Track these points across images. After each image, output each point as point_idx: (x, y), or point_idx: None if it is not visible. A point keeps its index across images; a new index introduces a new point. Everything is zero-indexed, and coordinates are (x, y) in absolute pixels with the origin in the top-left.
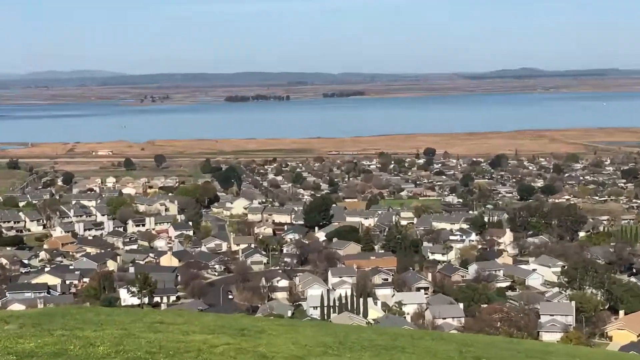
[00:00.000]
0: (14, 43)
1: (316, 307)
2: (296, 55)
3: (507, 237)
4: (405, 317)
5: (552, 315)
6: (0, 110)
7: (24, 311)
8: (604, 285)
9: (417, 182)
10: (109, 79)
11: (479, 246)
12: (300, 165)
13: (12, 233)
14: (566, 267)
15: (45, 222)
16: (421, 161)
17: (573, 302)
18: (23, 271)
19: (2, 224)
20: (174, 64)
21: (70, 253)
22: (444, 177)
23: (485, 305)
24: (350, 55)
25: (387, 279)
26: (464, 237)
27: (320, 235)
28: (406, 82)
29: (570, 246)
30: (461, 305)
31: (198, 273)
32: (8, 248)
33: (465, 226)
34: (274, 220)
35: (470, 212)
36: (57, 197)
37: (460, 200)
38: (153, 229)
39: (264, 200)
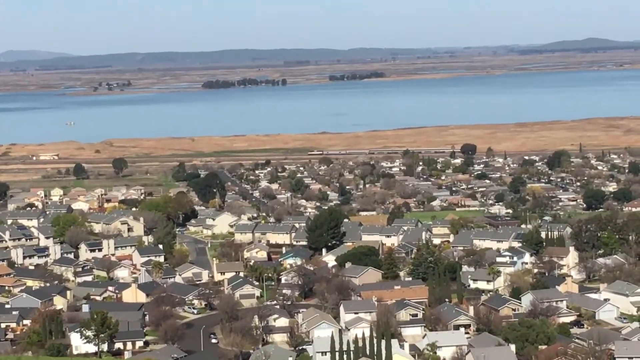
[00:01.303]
0: None
1: (325, 352)
2: (294, 26)
3: (571, 257)
4: None
5: (632, 358)
6: None
7: None
8: None
9: (454, 189)
10: (51, 62)
11: (535, 270)
12: (302, 168)
13: None
14: None
15: None
16: (458, 161)
17: None
18: None
19: None
20: (133, 41)
21: (6, 288)
22: (487, 181)
23: (544, 347)
24: (363, 26)
25: (416, 315)
26: (515, 259)
27: (329, 259)
28: (437, 59)
29: None
30: (513, 347)
31: (172, 311)
32: None
33: (516, 245)
34: (268, 241)
35: (523, 226)
36: None
37: (510, 211)
38: (112, 255)
39: (255, 215)
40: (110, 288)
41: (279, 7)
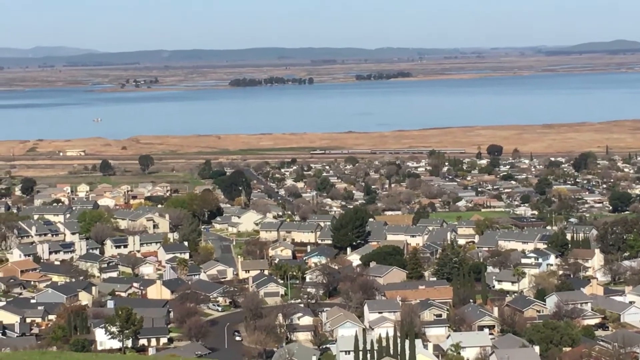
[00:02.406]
0: None
1: (348, 351)
2: (321, 25)
3: (597, 260)
4: None
5: None
6: None
7: None
8: None
9: (479, 189)
10: (79, 58)
11: (560, 272)
12: (328, 167)
13: None
14: None
15: None
16: (484, 162)
17: None
18: None
19: None
20: (160, 38)
21: (32, 283)
22: (513, 182)
23: (568, 349)
24: (391, 26)
25: (440, 315)
26: (540, 261)
27: (354, 258)
28: (464, 59)
29: None
30: (537, 348)
31: (196, 308)
32: None
33: (541, 246)
34: (293, 240)
35: (548, 227)
36: (15, 211)
37: (535, 212)
38: (138, 251)
39: (280, 213)
40: (135, 284)
41: (307, 6)
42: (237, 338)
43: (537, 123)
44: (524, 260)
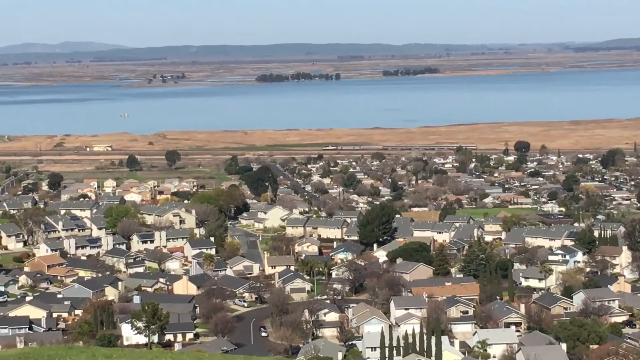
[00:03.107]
0: None
1: (375, 347)
2: (349, 21)
3: (624, 257)
4: None
5: None
6: None
7: None
8: None
9: (506, 186)
10: (106, 54)
11: (588, 269)
12: (354, 163)
13: None
14: None
15: (26, 237)
16: (511, 158)
17: None
18: None
19: None
20: (187, 34)
21: (59, 278)
22: (540, 179)
23: (595, 346)
24: (418, 22)
25: (467, 312)
26: (567, 258)
27: (380, 254)
28: (492, 55)
29: None
30: (564, 345)
31: (222, 304)
32: None
33: (569, 243)
34: (319, 236)
35: (576, 224)
36: (42, 206)
37: (563, 209)
38: (164, 247)
39: (306, 209)
40: (161, 280)
41: (334, 2)
42: (263, 334)
43: (565, 119)
44: (551, 257)
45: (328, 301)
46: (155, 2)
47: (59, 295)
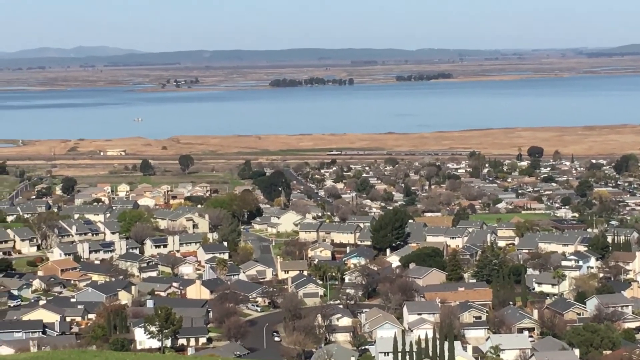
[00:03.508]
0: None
1: (387, 352)
2: (362, 26)
3: (637, 262)
4: None
5: None
6: None
7: (12, 356)
8: None
9: (519, 191)
10: (120, 58)
11: (601, 275)
12: (367, 168)
13: None
14: None
15: (39, 241)
16: (524, 163)
17: None
18: (12, 305)
19: None
20: (201, 38)
21: (72, 282)
22: (554, 184)
23: (608, 352)
24: (432, 27)
25: (480, 317)
26: (580, 263)
27: (393, 259)
28: (505, 61)
29: None
30: (577, 351)
31: (235, 308)
32: None
33: (582, 248)
34: (333, 240)
35: (589, 230)
36: (55, 210)
37: (576, 214)
38: (177, 251)
39: (320, 214)
40: (174, 284)
41: (347, 7)
42: (276, 338)
43: (578, 125)
44: (564, 263)
45: (341, 306)
46: (170, 7)
47: (73, 300)
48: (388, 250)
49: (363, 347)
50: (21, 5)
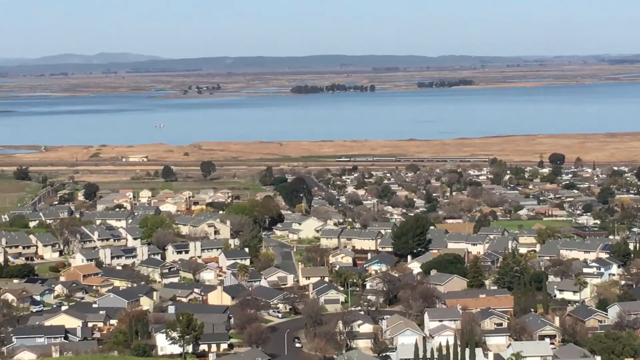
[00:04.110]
0: (23, 20)
1: (408, 359)
2: (383, 33)
3: None
4: None
5: None
6: (6, 105)
7: None
8: None
9: (541, 198)
10: (142, 64)
11: (622, 282)
12: (389, 175)
13: (21, 261)
14: None
15: (62, 247)
16: (546, 170)
17: None
18: (34, 310)
19: (7, 249)
20: (223, 45)
21: (94, 287)
22: (575, 191)
23: None
24: (453, 34)
25: (501, 324)
26: (602, 270)
27: (414, 266)
28: (527, 67)
29: None
30: (598, 358)
31: (256, 314)
32: (15, 280)
33: (604, 255)
34: (354, 247)
35: (611, 237)
36: (77, 216)
37: (598, 221)
38: (199, 257)
39: (341, 220)
40: (196, 290)
41: (369, 14)
42: (297, 345)
43: (600, 132)
44: (585, 270)
45: (362, 312)
46: (192, 13)
47: (95, 305)
48: (409, 257)
49: (384, 354)
50: (44, 12)
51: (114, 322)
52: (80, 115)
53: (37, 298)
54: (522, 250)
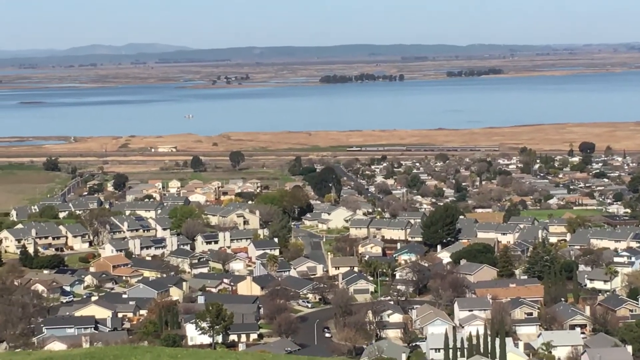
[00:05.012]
0: (52, 11)
1: (438, 349)
2: (412, 22)
3: None
4: None
5: None
6: (36, 96)
7: (65, 351)
8: None
9: (571, 187)
10: (171, 55)
11: None
12: (418, 164)
13: (51, 252)
14: None
15: (91, 238)
16: (576, 159)
17: None
18: (64, 300)
19: (37, 240)
20: (252, 35)
21: (124, 278)
22: (606, 180)
23: None
24: (483, 22)
25: (531, 314)
26: (633, 259)
27: (444, 255)
28: (556, 56)
29: None
30: (629, 348)
31: (286, 304)
32: (45, 271)
33: (634, 244)
34: (383, 237)
35: None
36: (107, 206)
37: (628, 210)
38: (228, 247)
39: (370, 210)
40: (225, 280)
41: (398, 3)
42: (327, 335)
43: (630, 120)
44: (616, 259)
45: (392, 302)
46: (220, 3)
47: (124, 296)
48: (439, 247)
49: (414, 344)
50: (73, 3)
51: (143, 312)
52: (109, 106)
53: (67, 289)
54: (552, 239)
